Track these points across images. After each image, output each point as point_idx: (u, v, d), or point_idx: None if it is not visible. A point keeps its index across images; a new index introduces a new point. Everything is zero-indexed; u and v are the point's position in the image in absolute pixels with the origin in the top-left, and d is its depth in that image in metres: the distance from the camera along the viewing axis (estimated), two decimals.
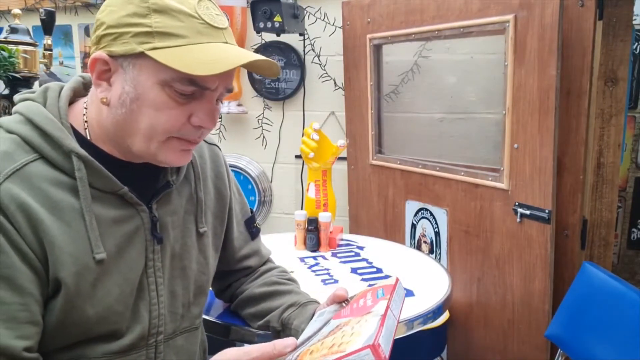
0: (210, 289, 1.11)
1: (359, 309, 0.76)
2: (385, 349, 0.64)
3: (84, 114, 0.79)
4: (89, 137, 0.78)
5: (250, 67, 0.80)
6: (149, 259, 0.82)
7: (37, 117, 0.75)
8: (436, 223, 1.98)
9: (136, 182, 0.80)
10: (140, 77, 0.72)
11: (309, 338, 0.75)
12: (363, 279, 1.41)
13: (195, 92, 0.73)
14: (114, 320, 0.78)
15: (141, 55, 0.70)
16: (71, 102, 0.81)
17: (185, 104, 0.74)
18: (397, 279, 0.82)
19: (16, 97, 0.80)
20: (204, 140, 0.99)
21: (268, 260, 1.14)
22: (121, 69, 0.73)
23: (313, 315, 0.92)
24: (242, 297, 1.08)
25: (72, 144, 0.74)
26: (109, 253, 0.76)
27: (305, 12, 2.32)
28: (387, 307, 0.72)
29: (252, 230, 1.08)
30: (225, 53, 0.72)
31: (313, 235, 1.67)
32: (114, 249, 0.77)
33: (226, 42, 0.74)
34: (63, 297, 0.72)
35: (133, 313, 0.81)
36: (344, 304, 0.84)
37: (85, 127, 0.79)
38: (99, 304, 0.75)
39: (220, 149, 1.02)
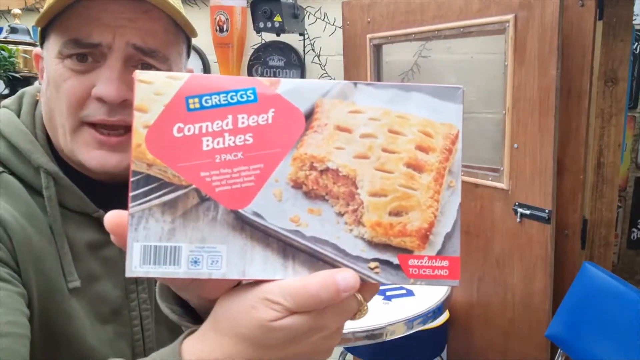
0: None
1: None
2: None
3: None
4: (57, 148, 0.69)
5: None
6: (131, 290, 0.71)
7: (7, 127, 0.67)
8: None
9: (115, 204, 0.69)
10: (48, 58, 0.66)
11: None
12: None
13: (90, 55, 0.63)
14: (89, 355, 0.67)
15: (44, 33, 0.66)
16: None
17: (83, 73, 0.63)
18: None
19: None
20: None
21: None
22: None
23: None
24: None
25: (41, 158, 0.65)
26: (81, 281, 0.66)
27: (305, 12, 2.32)
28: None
29: None
30: None
31: None
32: (86, 278, 0.67)
33: None
34: (32, 322, 0.61)
35: (113, 349, 0.70)
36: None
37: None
38: (73, 337, 0.65)
39: None
